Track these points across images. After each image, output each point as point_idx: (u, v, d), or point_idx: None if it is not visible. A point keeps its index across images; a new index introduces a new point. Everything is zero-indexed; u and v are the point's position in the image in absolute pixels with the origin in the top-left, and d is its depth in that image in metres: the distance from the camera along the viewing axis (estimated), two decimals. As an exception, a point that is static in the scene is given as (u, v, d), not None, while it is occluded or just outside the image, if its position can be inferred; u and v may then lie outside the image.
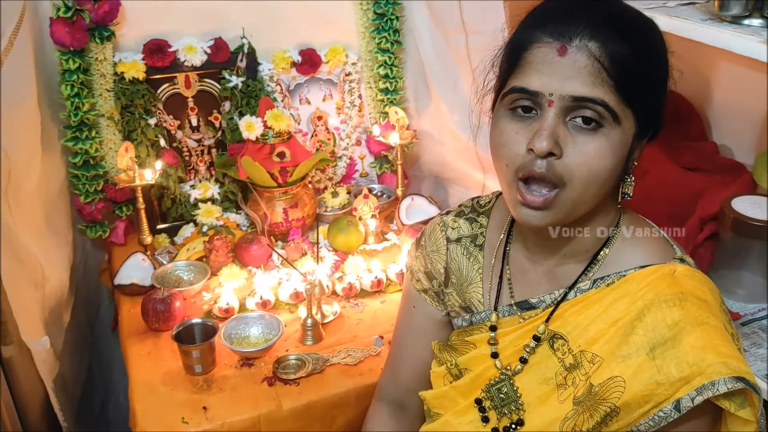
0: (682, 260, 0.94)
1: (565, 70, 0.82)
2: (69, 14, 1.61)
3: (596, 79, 0.82)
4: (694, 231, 1.35)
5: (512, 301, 1.03)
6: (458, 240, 1.09)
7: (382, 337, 1.48)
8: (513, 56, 0.88)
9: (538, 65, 0.84)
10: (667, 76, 0.91)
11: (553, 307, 0.97)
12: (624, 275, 0.93)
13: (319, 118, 2.00)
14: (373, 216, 1.84)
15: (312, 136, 2.00)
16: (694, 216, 1.37)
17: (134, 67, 1.76)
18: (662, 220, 1.20)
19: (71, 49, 1.65)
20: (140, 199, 1.72)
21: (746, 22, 1.05)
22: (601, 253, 0.96)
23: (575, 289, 0.96)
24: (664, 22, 1.12)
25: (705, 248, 1.34)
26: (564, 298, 0.97)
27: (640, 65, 0.84)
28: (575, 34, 0.82)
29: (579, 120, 0.84)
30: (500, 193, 1.10)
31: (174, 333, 1.40)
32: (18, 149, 1.34)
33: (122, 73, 1.75)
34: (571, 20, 0.83)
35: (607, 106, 0.82)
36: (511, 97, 0.87)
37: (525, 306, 1.01)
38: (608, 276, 0.95)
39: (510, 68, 0.88)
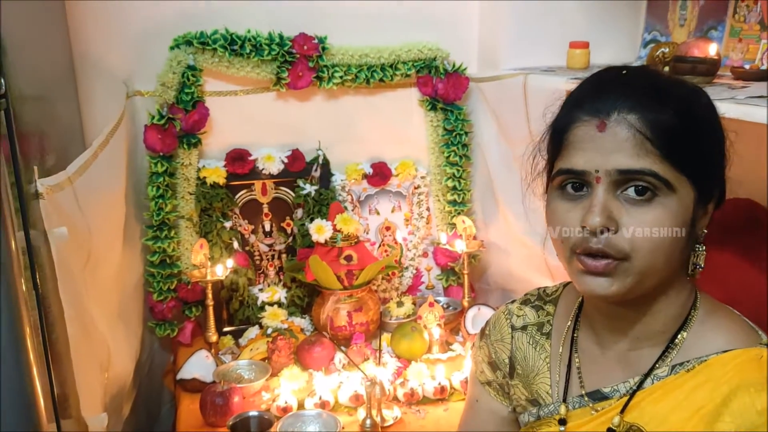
0: None
1: (608, 145, 0.82)
2: (162, 122, 1.76)
3: (640, 150, 0.80)
4: (784, 334, 1.25)
5: (583, 392, 0.96)
6: (524, 328, 1.05)
7: (444, 444, 1.40)
8: (556, 139, 0.89)
9: (580, 144, 0.84)
10: (721, 139, 0.88)
11: (628, 397, 0.90)
12: (705, 360, 0.87)
13: (388, 228, 2.04)
14: (438, 325, 1.81)
15: (380, 245, 2.03)
16: (783, 319, 1.28)
17: (216, 173, 1.87)
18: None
19: (161, 154, 1.78)
20: (209, 296, 1.76)
21: (819, 106, 1.04)
22: (679, 336, 0.90)
23: (652, 376, 0.90)
24: (733, 109, 1.11)
25: (798, 353, 1.23)
26: (640, 386, 0.90)
27: (685, 131, 0.82)
28: (612, 108, 0.82)
29: (631, 191, 0.82)
30: (567, 283, 1.07)
31: (230, 423, 1.36)
32: (100, 233, 1.41)
33: (204, 177, 1.86)
34: (608, 95, 0.83)
35: (657, 175, 0.80)
36: (560, 178, 0.87)
37: (597, 396, 0.94)
38: (688, 361, 0.88)
39: (555, 151, 0.89)
